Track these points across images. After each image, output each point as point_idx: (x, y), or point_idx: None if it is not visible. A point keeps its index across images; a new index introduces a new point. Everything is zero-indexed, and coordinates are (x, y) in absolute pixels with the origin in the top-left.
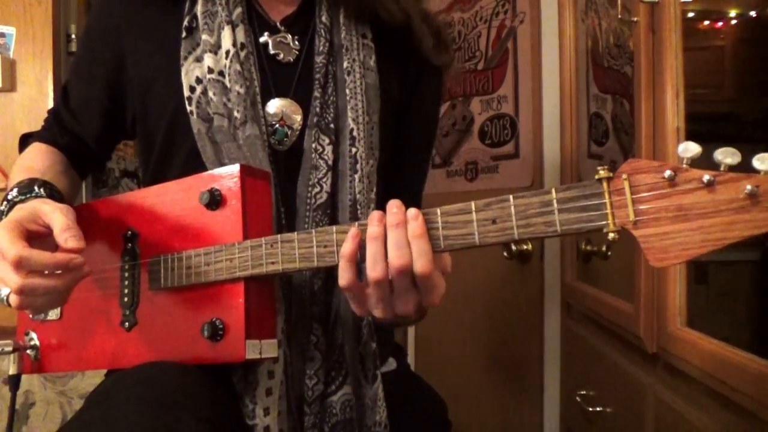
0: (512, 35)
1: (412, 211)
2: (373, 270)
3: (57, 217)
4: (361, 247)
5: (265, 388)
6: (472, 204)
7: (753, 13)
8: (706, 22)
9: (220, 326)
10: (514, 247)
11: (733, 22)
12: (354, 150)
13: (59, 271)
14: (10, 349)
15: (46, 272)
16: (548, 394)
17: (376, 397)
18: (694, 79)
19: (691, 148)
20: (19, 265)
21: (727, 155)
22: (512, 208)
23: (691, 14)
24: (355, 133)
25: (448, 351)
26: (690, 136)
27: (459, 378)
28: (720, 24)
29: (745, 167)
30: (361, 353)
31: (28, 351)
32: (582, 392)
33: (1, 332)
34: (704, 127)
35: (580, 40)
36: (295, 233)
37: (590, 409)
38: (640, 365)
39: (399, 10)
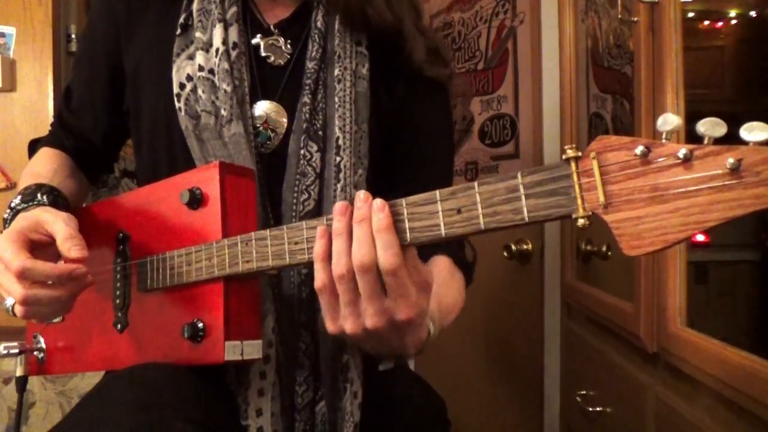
0: (512, 35)
1: (378, 202)
2: (337, 265)
3: (59, 226)
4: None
5: (257, 389)
6: (437, 193)
7: (753, 13)
8: (706, 22)
9: (201, 327)
10: (514, 247)
11: (733, 22)
12: (338, 159)
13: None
14: (16, 351)
15: (50, 282)
16: (548, 394)
17: (345, 410)
18: (694, 79)
19: (670, 121)
20: (23, 276)
21: (711, 127)
22: (477, 195)
23: (691, 14)
24: (340, 142)
25: (447, 350)
26: (690, 136)
27: (459, 378)
28: (720, 24)
29: (733, 141)
30: (345, 363)
31: (35, 353)
32: (582, 392)
33: (2, 332)
34: None
35: (580, 40)
36: (268, 230)
37: (590, 409)
38: (640, 365)
39: (390, 11)
